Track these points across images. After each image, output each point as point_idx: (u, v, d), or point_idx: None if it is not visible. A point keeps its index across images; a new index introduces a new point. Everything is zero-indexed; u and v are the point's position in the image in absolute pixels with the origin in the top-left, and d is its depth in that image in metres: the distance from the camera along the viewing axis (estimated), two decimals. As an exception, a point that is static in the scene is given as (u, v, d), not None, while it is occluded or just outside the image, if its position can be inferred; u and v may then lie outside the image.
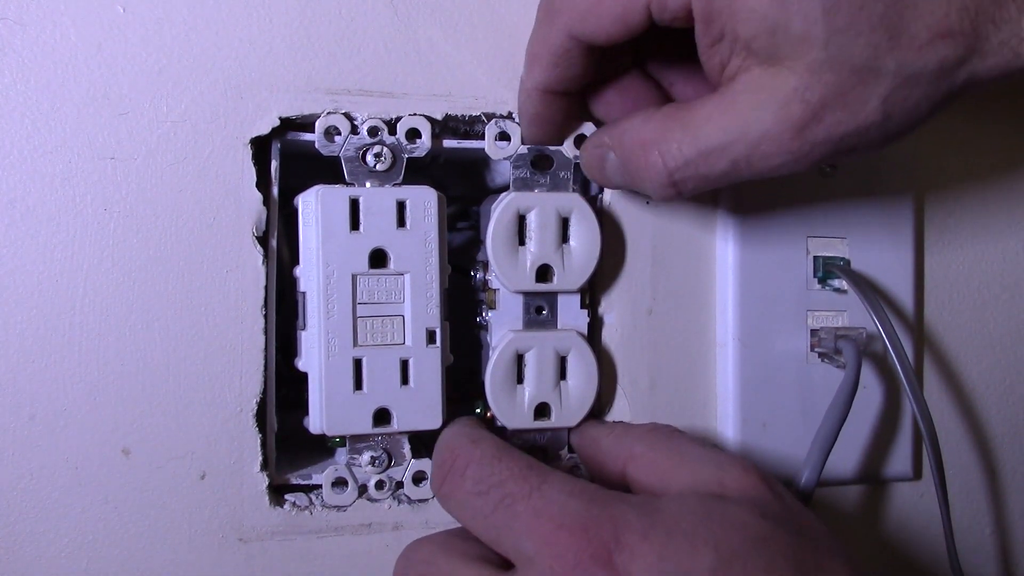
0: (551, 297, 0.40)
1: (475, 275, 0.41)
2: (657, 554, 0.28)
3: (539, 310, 0.40)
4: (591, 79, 0.37)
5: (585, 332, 0.41)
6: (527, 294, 0.40)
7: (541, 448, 0.41)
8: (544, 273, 0.39)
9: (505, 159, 0.40)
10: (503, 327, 0.40)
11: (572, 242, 0.40)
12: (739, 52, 0.32)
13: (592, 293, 0.42)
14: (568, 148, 0.40)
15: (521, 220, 0.39)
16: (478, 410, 0.41)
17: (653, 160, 0.34)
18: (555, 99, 0.37)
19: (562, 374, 0.40)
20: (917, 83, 0.31)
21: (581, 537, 0.29)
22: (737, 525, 0.30)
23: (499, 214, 0.39)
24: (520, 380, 0.40)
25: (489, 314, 0.40)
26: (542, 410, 0.40)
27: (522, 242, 0.39)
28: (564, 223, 0.40)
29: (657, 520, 0.30)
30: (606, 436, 0.38)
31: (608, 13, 0.33)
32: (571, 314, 0.41)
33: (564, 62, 0.35)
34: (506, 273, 0.39)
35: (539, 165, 0.40)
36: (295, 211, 0.38)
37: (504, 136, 0.40)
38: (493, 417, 0.40)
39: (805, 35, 0.30)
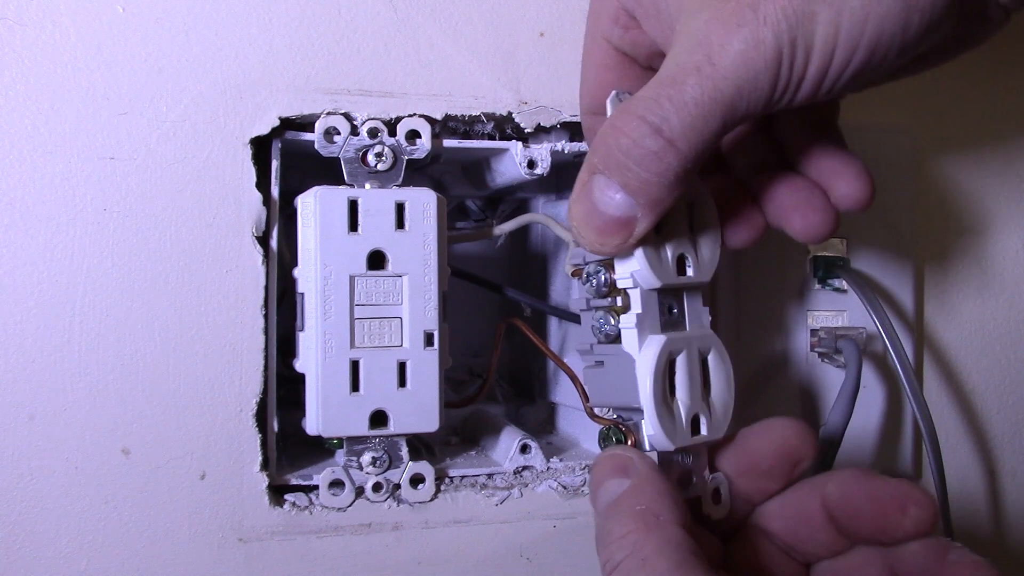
0: (678, 294, 0.35)
1: (592, 278, 0.34)
2: None
3: (670, 309, 0.35)
4: None
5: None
6: (663, 291, 0.34)
7: (688, 471, 0.35)
8: (680, 264, 0.34)
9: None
10: (644, 332, 0.34)
11: (696, 227, 0.35)
12: None
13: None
14: None
15: None
16: (614, 437, 0.35)
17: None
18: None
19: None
20: None
21: None
22: None
23: None
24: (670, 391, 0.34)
25: (619, 319, 0.34)
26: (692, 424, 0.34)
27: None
28: (688, 206, 0.34)
29: None
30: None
31: None
32: (696, 312, 0.35)
33: None
34: (653, 264, 0.33)
35: None
36: (295, 211, 0.38)
37: None
38: (637, 443, 0.34)
39: None
